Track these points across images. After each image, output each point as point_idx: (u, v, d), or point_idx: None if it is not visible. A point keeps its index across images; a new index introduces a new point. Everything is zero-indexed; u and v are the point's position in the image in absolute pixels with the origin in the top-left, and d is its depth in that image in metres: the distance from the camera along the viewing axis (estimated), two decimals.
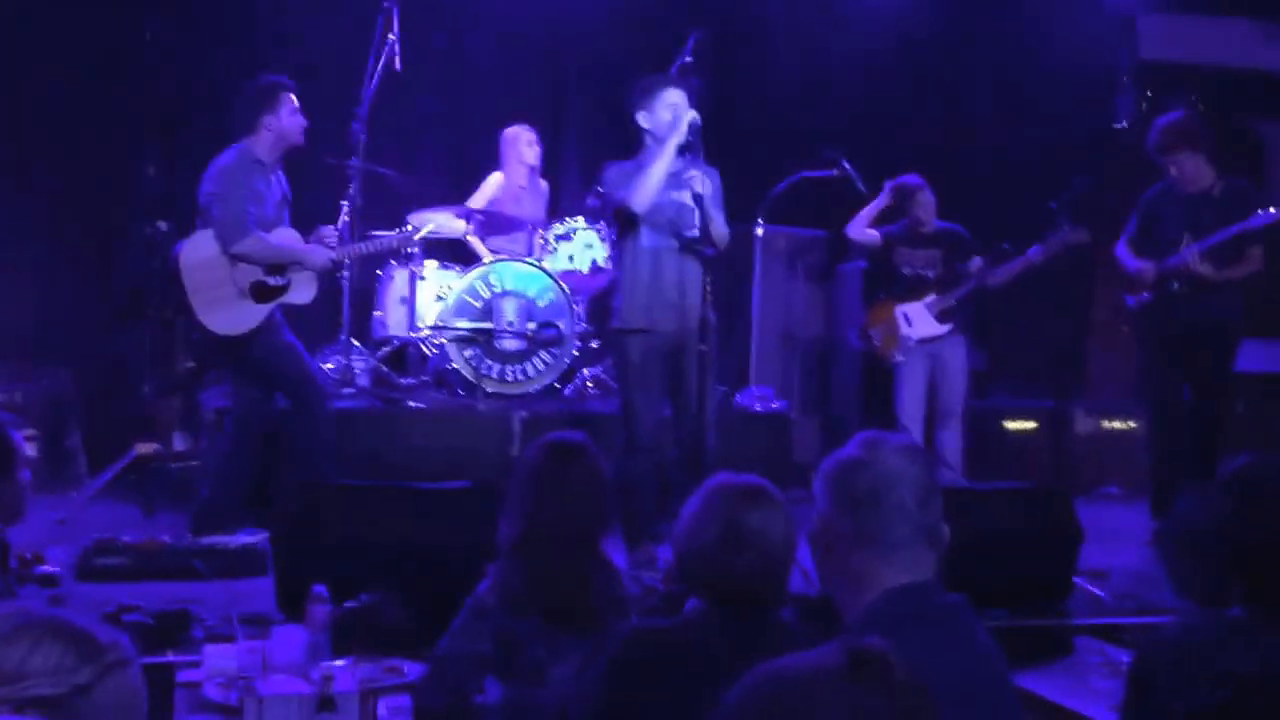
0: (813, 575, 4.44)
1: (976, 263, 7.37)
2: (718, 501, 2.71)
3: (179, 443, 6.81)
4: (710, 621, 2.63)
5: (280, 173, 6.07)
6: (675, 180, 5.66)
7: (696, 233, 5.63)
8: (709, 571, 2.65)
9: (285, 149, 5.99)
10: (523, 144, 7.79)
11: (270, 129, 5.88)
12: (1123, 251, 6.76)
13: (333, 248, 6.14)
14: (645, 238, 5.73)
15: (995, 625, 2.50)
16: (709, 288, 5.44)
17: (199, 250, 5.82)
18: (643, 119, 5.74)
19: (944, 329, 7.30)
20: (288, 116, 5.91)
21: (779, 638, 2.64)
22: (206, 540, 5.55)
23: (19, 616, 1.76)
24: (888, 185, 7.53)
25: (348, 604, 4.28)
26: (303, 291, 6.03)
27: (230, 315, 5.82)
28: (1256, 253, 6.42)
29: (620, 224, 5.83)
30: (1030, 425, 8.38)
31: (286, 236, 5.98)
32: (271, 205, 5.94)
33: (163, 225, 7.38)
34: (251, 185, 5.82)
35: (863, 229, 7.53)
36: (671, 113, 5.64)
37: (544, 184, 8.02)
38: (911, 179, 7.45)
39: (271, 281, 5.90)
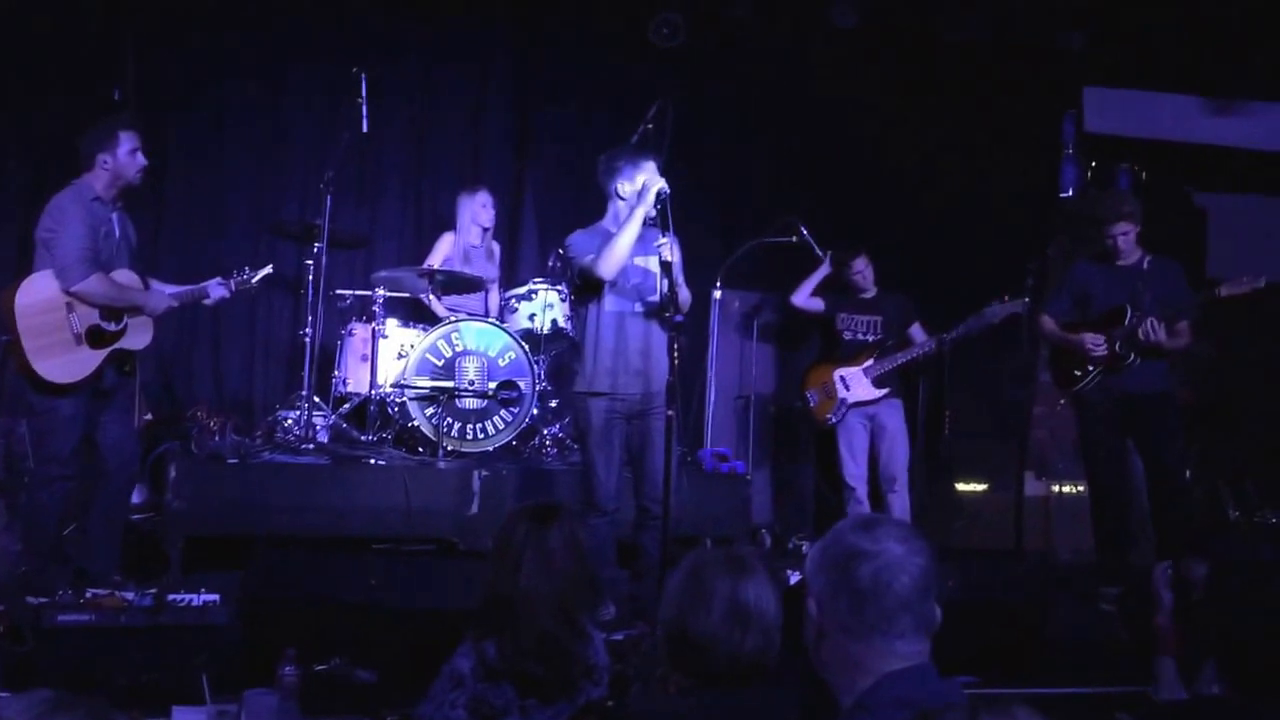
0: None
1: (917, 330, 7.57)
2: (708, 579, 2.71)
3: (138, 495, 6.74)
4: (707, 703, 2.64)
5: (126, 216, 5.94)
6: (641, 246, 5.75)
7: (658, 298, 5.71)
8: (714, 654, 2.66)
9: (122, 188, 5.82)
10: (477, 205, 7.88)
11: (106, 167, 5.72)
12: (1052, 326, 6.86)
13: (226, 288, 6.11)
14: (609, 303, 5.80)
15: (966, 692, 2.52)
16: (677, 352, 5.50)
17: (36, 291, 5.58)
18: (621, 187, 5.81)
19: (879, 393, 7.49)
20: (125, 155, 5.75)
21: (770, 712, 2.68)
22: (169, 597, 5.50)
23: (52, 700, 1.78)
24: (828, 256, 7.74)
25: (317, 666, 4.29)
26: (138, 337, 5.85)
27: (63, 362, 5.59)
28: (1185, 328, 6.58)
29: (582, 289, 5.90)
30: (980, 487, 8.49)
31: (126, 279, 5.81)
32: (111, 244, 5.78)
33: None
34: (91, 222, 5.65)
35: (806, 296, 7.79)
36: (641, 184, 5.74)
37: (496, 246, 8.11)
38: (843, 252, 7.67)
39: (107, 327, 5.71)
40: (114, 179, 5.77)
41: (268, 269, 6.39)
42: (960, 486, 8.52)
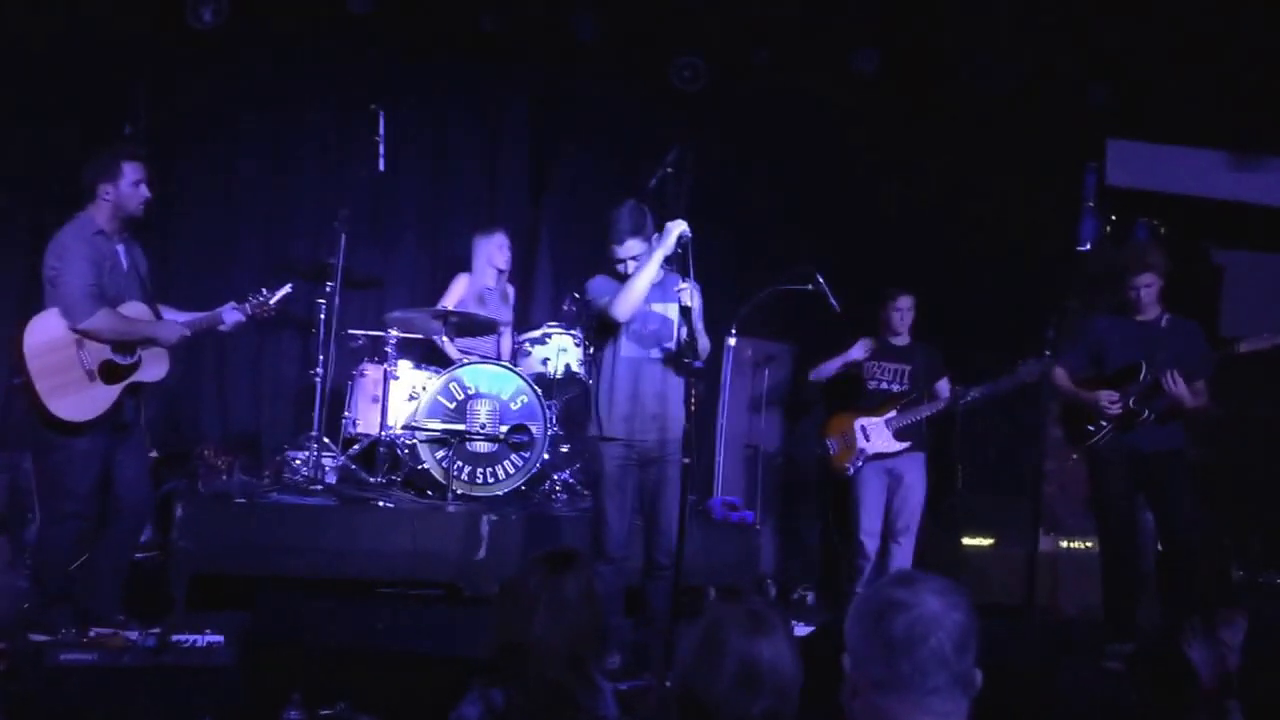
0: None
1: (944, 385, 7.44)
2: (722, 638, 2.62)
3: (144, 534, 6.69)
4: None
5: (135, 247, 5.86)
6: (661, 292, 5.74)
7: (675, 345, 5.68)
8: (724, 714, 2.58)
9: (124, 219, 5.71)
10: (494, 247, 7.88)
11: (108, 199, 5.62)
12: (1066, 381, 6.78)
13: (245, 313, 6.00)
14: (627, 348, 5.78)
15: None
16: (694, 400, 5.47)
17: (45, 331, 5.51)
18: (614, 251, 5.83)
19: (900, 446, 7.35)
20: (127, 187, 5.64)
21: None
22: (172, 637, 5.45)
23: None
24: (862, 342, 7.60)
25: (322, 711, 4.23)
26: (154, 369, 5.76)
27: (78, 400, 5.51)
28: (1202, 387, 6.51)
29: (600, 333, 5.88)
30: (987, 541, 8.41)
31: (135, 311, 5.73)
32: (118, 277, 5.68)
33: None
34: (95, 257, 5.56)
35: (827, 376, 7.59)
36: (633, 262, 5.74)
37: (511, 289, 8.10)
38: (890, 287, 7.53)
39: (120, 361, 5.63)
40: (115, 210, 5.68)
41: (287, 288, 6.23)
42: (967, 541, 8.44)
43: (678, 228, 5.63)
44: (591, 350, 6.01)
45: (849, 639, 2.30)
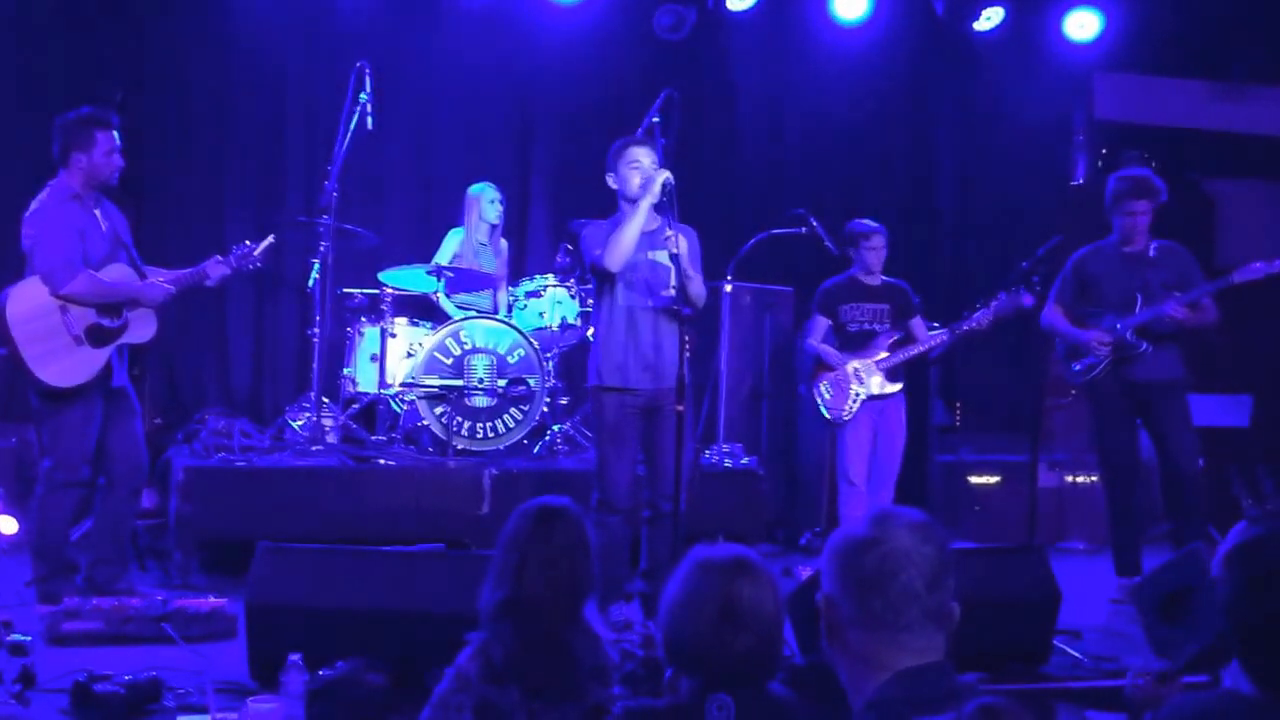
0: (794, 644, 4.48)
1: (917, 323, 7.24)
2: (706, 579, 2.66)
3: (146, 500, 6.71)
4: (713, 704, 2.59)
5: (113, 208, 5.82)
6: (651, 240, 5.69)
7: (672, 292, 5.65)
8: (708, 654, 2.61)
9: (97, 185, 5.69)
10: (485, 201, 7.83)
11: (80, 166, 5.60)
12: (1057, 318, 6.72)
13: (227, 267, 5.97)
14: (621, 297, 5.75)
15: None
16: (686, 347, 5.45)
17: (27, 299, 5.50)
18: (610, 180, 5.78)
19: (894, 388, 7.06)
20: (100, 155, 5.62)
21: (778, 714, 2.64)
22: (175, 603, 5.47)
23: None
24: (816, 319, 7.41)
25: (322, 672, 4.25)
26: (141, 330, 5.77)
27: (67, 365, 5.53)
28: (1209, 304, 6.46)
29: (597, 283, 5.86)
30: (993, 479, 8.41)
31: (118, 273, 5.72)
32: (98, 241, 5.66)
33: None
34: (72, 222, 5.55)
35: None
36: (639, 174, 5.67)
37: (504, 243, 8.06)
38: (863, 224, 7.21)
39: (107, 324, 5.63)
40: (89, 178, 5.65)
41: (270, 239, 6.20)
42: (973, 479, 8.44)
43: (661, 176, 5.58)
44: (595, 299, 5.95)
45: (823, 579, 2.31)
